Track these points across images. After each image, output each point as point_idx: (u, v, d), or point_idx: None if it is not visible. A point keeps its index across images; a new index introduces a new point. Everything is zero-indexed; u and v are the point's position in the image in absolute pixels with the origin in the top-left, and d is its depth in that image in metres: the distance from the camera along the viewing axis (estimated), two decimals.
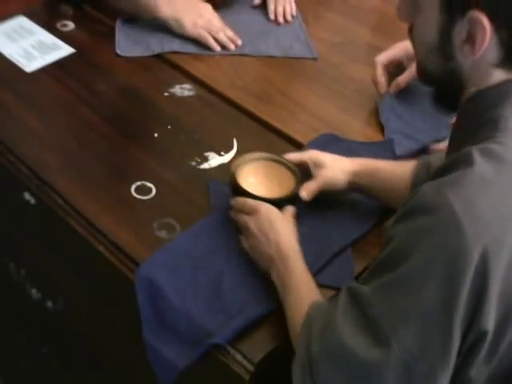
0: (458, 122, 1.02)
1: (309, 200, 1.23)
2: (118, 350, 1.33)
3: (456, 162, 0.92)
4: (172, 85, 1.54)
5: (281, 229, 1.13)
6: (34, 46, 1.60)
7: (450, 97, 1.04)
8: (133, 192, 1.28)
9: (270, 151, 1.39)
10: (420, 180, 1.16)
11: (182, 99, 1.51)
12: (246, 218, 1.17)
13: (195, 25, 1.66)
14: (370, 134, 1.47)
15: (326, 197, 1.25)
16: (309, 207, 1.24)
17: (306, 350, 0.95)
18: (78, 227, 1.23)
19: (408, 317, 0.86)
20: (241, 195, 1.19)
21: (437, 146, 1.40)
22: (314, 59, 1.67)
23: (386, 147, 1.42)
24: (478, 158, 0.89)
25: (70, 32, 1.66)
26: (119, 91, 1.53)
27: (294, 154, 1.30)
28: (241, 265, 1.16)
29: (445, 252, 0.85)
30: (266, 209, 1.16)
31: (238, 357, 1.05)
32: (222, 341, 1.05)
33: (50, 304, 1.44)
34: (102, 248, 1.19)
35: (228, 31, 1.68)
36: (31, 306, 1.51)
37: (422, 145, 1.42)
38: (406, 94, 1.51)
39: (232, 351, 1.06)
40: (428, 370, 0.86)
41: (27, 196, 1.32)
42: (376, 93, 1.54)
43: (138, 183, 1.30)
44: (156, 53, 1.63)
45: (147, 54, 1.62)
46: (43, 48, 1.60)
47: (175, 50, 1.64)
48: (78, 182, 1.29)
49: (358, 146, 1.41)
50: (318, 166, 1.25)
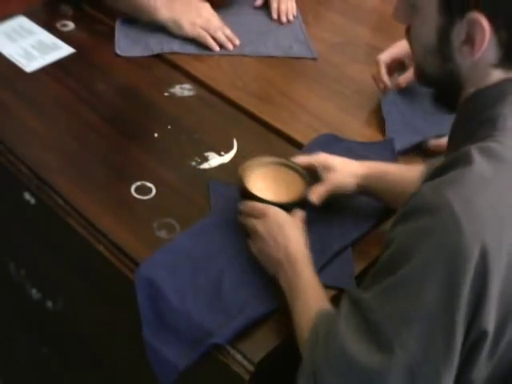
0: (456, 121, 1.02)
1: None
2: (117, 349, 1.33)
3: (455, 161, 0.91)
4: (172, 85, 1.54)
5: (290, 233, 1.12)
6: (34, 46, 1.60)
7: (448, 97, 1.04)
8: (133, 192, 1.28)
9: (270, 151, 1.39)
10: None
11: (182, 99, 1.51)
12: (254, 221, 1.15)
13: (193, 25, 1.66)
14: (370, 134, 1.47)
15: (327, 197, 1.25)
16: (309, 207, 1.24)
17: (310, 358, 0.95)
18: (78, 227, 1.23)
19: (410, 319, 0.86)
20: (249, 199, 1.18)
21: (437, 142, 1.40)
22: (314, 59, 1.67)
23: (386, 147, 1.42)
24: (476, 157, 0.89)
25: (69, 32, 1.66)
26: (119, 91, 1.53)
27: (303, 158, 1.28)
28: (241, 265, 1.16)
29: (445, 252, 0.85)
30: (275, 212, 1.15)
31: (238, 357, 1.05)
32: (222, 341, 1.05)
33: (50, 304, 1.44)
34: (102, 248, 1.19)
35: (226, 30, 1.68)
36: (31, 306, 1.51)
37: (423, 138, 1.42)
38: (407, 92, 1.52)
39: (232, 351, 1.06)
40: (432, 373, 0.86)
41: (27, 196, 1.32)
42: (377, 91, 1.54)
43: (138, 183, 1.30)
44: (155, 53, 1.63)
45: (147, 53, 1.62)
46: (43, 48, 1.60)
47: (175, 50, 1.64)
48: (78, 181, 1.29)
49: (358, 146, 1.41)
50: (327, 169, 1.24)
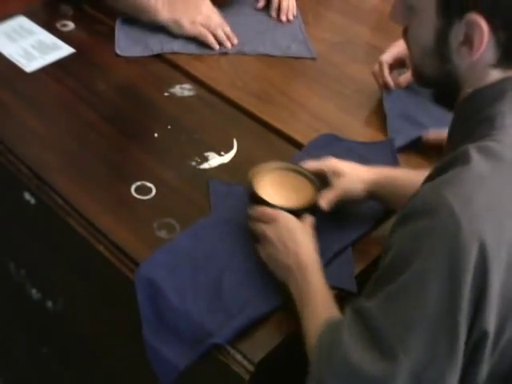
0: (455, 120, 1.02)
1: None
2: (118, 349, 1.33)
3: (453, 160, 0.92)
4: (172, 85, 1.54)
5: (300, 238, 1.11)
6: (34, 46, 1.60)
7: (446, 97, 1.04)
8: (133, 192, 1.28)
9: (270, 151, 1.39)
10: None
11: (182, 99, 1.51)
12: (263, 226, 1.15)
13: (194, 23, 1.66)
14: (371, 134, 1.47)
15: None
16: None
17: (316, 367, 0.95)
18: (77, 227, 1.23)
19: (413, 324, 0.86)
20: (259, 204, 1.18)
21: (432, 133, 1.40)
22: (313, 59, 1.67)
23: (386, 147, 1.42)
24: (474, 156, 0.89)
25: (69, 32, 1.66)
26: (119, 91, 1.53)
27: (312, 163, 1.26)
28: (241, 264, 1.16)
29: (444, 253, 0.85)
30: (285, 217, 1.14)
31: (238, 357, 1.05)
32: (222, 341, 1.05)
33: (50, 304, 1.44)
34: (102, 248, 1.19)
35: (226, 27, 1.68)
36: (31, 306, 1.51)
37: (421, 128, 1.43)
38: (409, 88, 1.52)
39: (232, 351, 1.06)
40: (437, 375, 0.86)
41: (27, 196, 1.32)
42: (377, 90, 1.54)
43: (138, 183, 1.30)
44: (155, 53, 1.63)
45: (147, 53, 1.62)
46: (43, 48, 1.60)
47: (175, 50, 1.64)
48: (78, 181, 1.29)
49: (358, 146, 1.41)
50: (337, 174, 1.23)
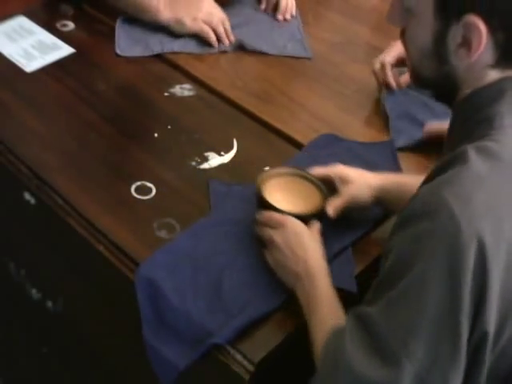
0: (453, 120, 1.02)
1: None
2: (118, 349, 1.33)
3: (452, 160, 0.92)
4: (172, 85, 1.54)
5: (308, 244, 1.11)
6: (34, 46, 1.60)
7: (445, 98, 1.05)
8: (133, 192, 1.28)
9: (270, 151, 1.39)
10: None
11: (182, 99, 1.51)
12: (271, 231, 1.14)
13: (195, 19, 1.66)
14: (370, 134, 1.47)
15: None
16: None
17: (321, 375, 0.95)
18: (77, 227, 1.23)
19: (415, 328, 0.86)
20: (266, 209, 1.17)
21: (432, 126, 1.40)
22: (309, 59, 1.67)
23: (386, 147, 1.42)
24: (473, 156, 0.89)
25: (70, 32, 1.66)
26: (119, 91, 1.53)
27: (319, 169, 1.26)
28: (241, 264, 1.16)
29: (444, 255, 0.85)
30: (293, 223, 1.13)
31: (238, 357, 1.05)
32: (222, 341, 1.05)
33: (50, 304, 1.44)
34: (102, 248, 1.19)
35: (226, 23, 1.68)
36: (31, 306, 1.51)
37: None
38: (410, 91, 1.52)
39: (232, 351, 1.06)
40: (441, 378, 0.86)
41: (27, 196, 1.32)
42: (377, 88, 1.55)
43: (138, 183, 1.30)
44: (156, 53, 1.63)
45: (147, 53, 1.62)
46: (43, 48, 1.60)
47: (175, 50, 1.64)
48: (77, 181, 1.29)
49: (358, 146, 1.41)
50: (344, 181, 1.22)
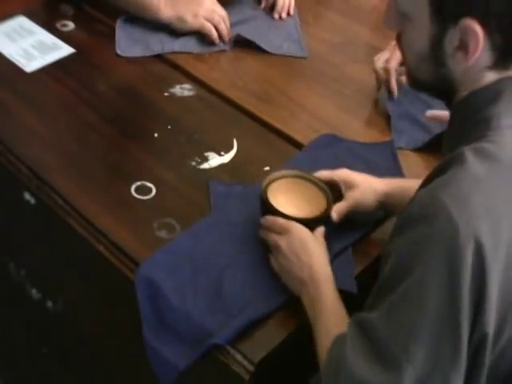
0: (451, 122, 1.02)
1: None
2: (118, 349, 1.33)
3: (449, 162, 0.92)
4: (172, 85, 1.54)
5: (313, 250, 1.11)
6: (34, 46, 1.60)
7: (443, 99, 1.05)
8: (133, 192, 1.28)
9: (270, 151, 1.39)
10: None
11: (182, 99, 1.51)
12: (276, 237, 1.14)
13: (196, 16, 1.65)
14: (370, 134, 1.47)
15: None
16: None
17: (324, 382, 0.95)
18: (77, 227, 1.23)
19: (416, 332, 0.86)
20: (271, 214, 1.17)
21: (429, 114, 1.39)
22: (305, 58, 1.67)
23: (387, 148, 1.42)
24: (470, 158, 0.89)
25: (70, 32, 1.66)
26: (119, 91, 1.53)
27: (324, 173, 1.25)
28: (241, 264, 1.16)
29: (443, 258, 0.85)
30: (298, 229, 1.13)
31: (238, 357, 1.05)
32: (222, 341, 1.05)
33: (50, 304, 1.44)
34: (102, 248, 1.19)
35: (227, 20, 1.68)
36: (31, 306, 1.51)
37: (430, 135, 1.43)
38: (411, 92, 1.51)
39: (232, 351, 1.06)
40: (442, 381, 0.86)
41: (27, 196, 1.32)
42: (376, 87, 1.55)
43: (138, 183, 1.30)
44: (156, 53, 1.63)
45: (147, 53, 1.62)
46: (43, 48, 1.60)
47: (175, 50, 1.64)
48: (77, 181, 1.29)
49: (358, 147, 1.41)
50: (349, 185, 1.22)
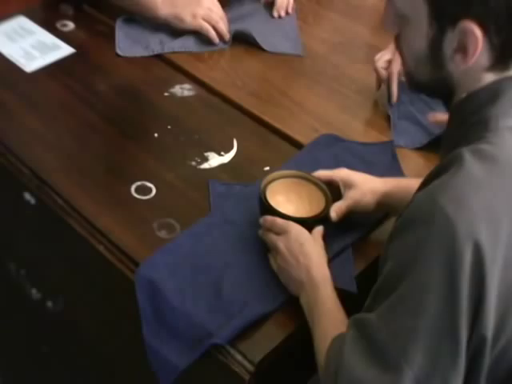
0: (449, 123, 1.02)
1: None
2: (118, 349, 1.33)
3: (448, 163, 0.92)
4: (172, 85, 1.54)
5: (311, 252, 1.11)
6: (34, 46, 1.60)
7: (441, 100, 1.05)
8: (133, 192, 1.28)
9: (270, 151, 1.39)
10: None
11: (182, 99, 1.51)
12: (274, 237, 1.14)
13: (195, 16, 1.65)
14: (371, 134, 1.47)
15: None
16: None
17: None
18: (78, 227, 1.23)
19: (415, 334, 0.86)
20: (270, 214, 1.17)
21: (433, 117, 1.40)
22: (302, 57, 1.67)
23: (386, 148, 1.42)
24: (468, 159, 0.89)
25: (70, 32, 1.66)
26: (119, 91, 1.53)
27: (324, 172, 1.25)
28: (241, 264, 1.16)
29: (442, 259, 0.85)
30: (296, 230, 1.13)
31: (238, 357, 1.05)
32: (222, 341, 1.05)
33: (50, 304, 1.44)
34: (102, 248, 1.19)
35: (225, 20, 1.68)
36: (31, 306, 1.51)
37: (430, 136, 1.43)
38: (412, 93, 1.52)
39: (232, 351, 1.06)
40: (441, 382, 0.86)
41: (27, 196, 1.32)
42: (377, 88, 1.55)
43: (138, 183, 1.30)
44: (156, 53, 1.63)
45: (147, 54, 1.62)
46: (43, 48, 1.60)
47: (175, 50, 1.64)
48: (78, 182, 1.29)
49: (358, 147, 1.41)
50: (348, 185, 1.22)
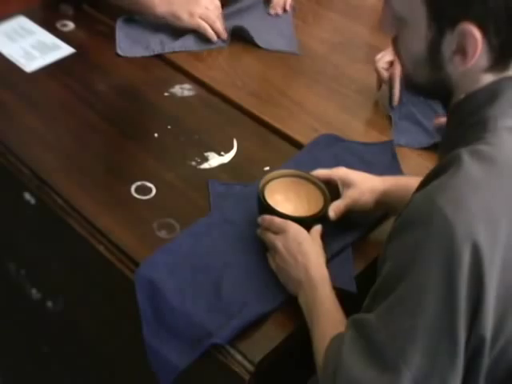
0: (448, 125, 1.02)
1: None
2: (117, 349, 1.33)
3: (446, 164, 0.92)
4: (172, 85, 1.54)
5: (309, 251, 1.11)
6: (34, 46, 1.60)
7: (439, 102, 1.05)
8: (133, 192, 1.28)
9: (270, 151, 1.39)
10: None
11: (182, 99, 1.51)
12: (272, 237, 1.14)
13: (192, 15, 1.65)
14: (370, 134, 1.47)
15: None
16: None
17: None
18: (77, 227, 1.23)
19: (413, 335, 0.86)
20: (268, 213, 1.17)
21: (438, 120, 1.40)
22: (297, 54, 1.67)
23: (386, 148, 1.42)
24: (466, 160, 0.89)
25: (70, 32, 1.66)
26: (119, 91, 1.53)
27: (322, 171, 1.25)
28: (241, 264, 1.16)
29: (440, 260, 0.85)
30: (294, 229, 1.13)
31: (238, 357, 1.05)
32: (222, 341, 1.05)
33: (50, 304, 1.44)
34: (102, 248, 1.19)
35: (221, 19, 1.68)
36: (31, 306, 1.51)
37: (430, 138, 1.43)
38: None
39: (232, 351, 1.06)
40: (440, 383, 0.86)
41: (27, 196, 1.32)
42: (377, 88, 1.55)
43: (138, 183, 1.30)
44: (156, 53, 1.63)
45: (147, 54, 1.62)
46: (43, 48, 1.60)
47: (176, 49, 1.64)
48: (78, 182, 1.29)
49: (358, 147, 1.41)
50: (347, 184, 1.21)
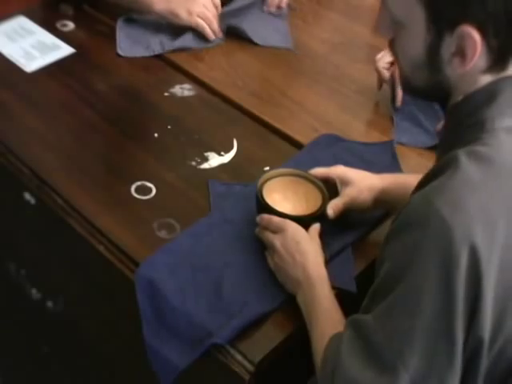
0: (445, 126, 1.02)
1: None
2: (117, 349, 1.33)
3: (443, 165, 0.91)
4: (172, 85, 1.54)
5: (308, 250, 1.11)
6: (34, 46, 1.60)
7: (437, 103, 1.05)
8: (133, 192, 1.28)
9: (270, 151, 1.39)
10: None
11: (182, 99, 1.51)
12: (271, 236, 1.14)
13: (190, 13, 1.65)
14: (371, 134, 1.47)
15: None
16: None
17: None
18: (78, 227, 1.23)
19: (411, 336, 0.86)
20: (267, 212, 1.17)
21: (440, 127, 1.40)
22: (290, 50, 1.68)
23: (386, 147, 1.42)
24: (464, 161, 0.89)
25: (70, 32, 1.66)
26: (119, 91, 1.53)
27: (321, 170, 1.25)
28: (241, 264, 1.16)
29: (438, 262, 0.85)
30: (293, 228, 1.13)
31: (238, 357, 1.05)
32: (222, 341, 1.05)
33: (50, 304, 1.44)
34: (102, 248, 1.19)
35: (217, 19, 1.69)
36: (31, 306, 1.51)
37: (431, 140, 1.43)
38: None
39: (232, 351, 1.06)
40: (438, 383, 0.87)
41: (27, 196, 1.32)
42: (378, 88, 1.55)
43: (138, 183, 1.30)
44: (157, 53, 1.63)
45: (148, 54, 1.62)
46: (43, 48, 1.60)
47: (175, 47, 1.64)
48: (78, 182, 1.29)
49: (359, 147, 1.41)
50: (345, 183, 1.22)
